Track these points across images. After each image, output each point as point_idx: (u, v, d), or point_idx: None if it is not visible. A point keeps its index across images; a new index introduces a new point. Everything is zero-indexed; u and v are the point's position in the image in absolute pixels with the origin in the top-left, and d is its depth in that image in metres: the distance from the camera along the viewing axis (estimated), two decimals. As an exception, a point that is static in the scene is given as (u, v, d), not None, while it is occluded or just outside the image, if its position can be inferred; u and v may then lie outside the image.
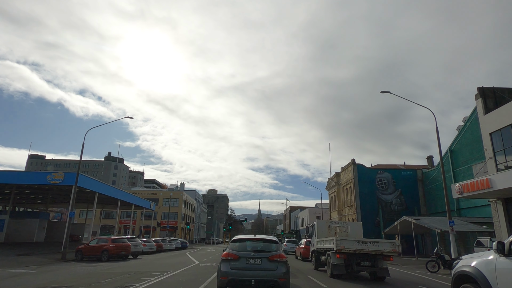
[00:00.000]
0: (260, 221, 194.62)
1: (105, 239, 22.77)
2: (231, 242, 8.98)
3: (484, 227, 26.14)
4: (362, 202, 41.81)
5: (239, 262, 8.24)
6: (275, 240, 9.18)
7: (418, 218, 27.88)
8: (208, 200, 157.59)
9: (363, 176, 42.92)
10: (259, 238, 9.07)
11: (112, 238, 22.72)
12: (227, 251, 8.58)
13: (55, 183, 28.91)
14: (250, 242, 8.88)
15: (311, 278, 13.35)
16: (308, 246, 24.04)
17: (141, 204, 46.96)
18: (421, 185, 42.21)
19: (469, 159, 33.35)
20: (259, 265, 8.18)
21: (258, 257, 8.31)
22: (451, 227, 18.11)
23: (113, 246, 21.84)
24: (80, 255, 22.60)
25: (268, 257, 8.30)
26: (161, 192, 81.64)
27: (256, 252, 8.44)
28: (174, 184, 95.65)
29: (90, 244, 22.79)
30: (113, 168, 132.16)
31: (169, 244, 38.90)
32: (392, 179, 42.66)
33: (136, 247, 25.44)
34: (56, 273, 13.70)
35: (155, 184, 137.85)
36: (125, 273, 13.73)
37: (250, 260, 8.25)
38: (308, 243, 24.13)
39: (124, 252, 22.58)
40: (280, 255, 8.42)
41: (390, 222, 40.32)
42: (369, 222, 40.73)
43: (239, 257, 8.30)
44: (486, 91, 20.39)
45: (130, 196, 43.40)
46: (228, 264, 8.24)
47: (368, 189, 42.22)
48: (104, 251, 21.77)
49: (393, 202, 41.96)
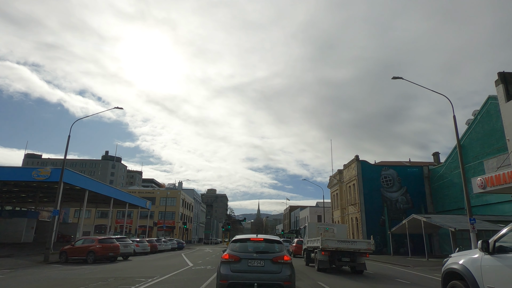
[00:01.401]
0: (259, 220, 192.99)
1: (91, 240, 20.92)
2: (232, 243, 8.51)
3: (500, 225, 24.42)
4: (366, 200, 40.02)
5: (240, 264, 7.77)
6: (278, 240, 8.61)
7: (429, 216, 26.13)
8: (207, 200, 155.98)
9: (367, 173, 41.11)
10: (262, 238, 8.56)
11: (99, 238, 20.85)
12: (227, 252, 8.09)
13: (41, 179, 27.08)
14: (252, 242, 8.43)
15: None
16: (299, 244, 28.36)
17: (136, 202, 45.10)
18: (427, 182, 40.42)
19: (480, 154, 31.55)
20: (262, 267, 7.72)
21: (260, 258, 7.82)
22: (471, 225, 16.33)
23: (99, 247, 19.99)
24: (64, 257, 20.80)
25: (272, 258, 7.82)
26: (158, 191, 79.62)
27: (259, 253, 7.95)
28: (172, 183, 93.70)
29: (76, 245, 20.98)
30: (111, 167, 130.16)
31: (164, 244, 37.03)
32: (397, 176, 40.86)
33: (126, 248, 23.61)
34: (25, 279, 11.88)
35: (153, 184, 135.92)
36: (104, 279, 11.89)
37: (252, 262, 7.78)
38: (299, 242, 28.27)
39: (112, 254, 20.74)
40: (285, 257, 7.93)
41: (395, 221, 38.59)
42: (374, 221, 38.98)
43: (240, 258, 7.83)
44: (508, 77, 18.59)
45: (124, 194, 41.56)
46: (229, 266, 7.75)
47: (373, 187, 40.42)
48: (90, 253, 19.95)
49: (398, 200, 40.16)
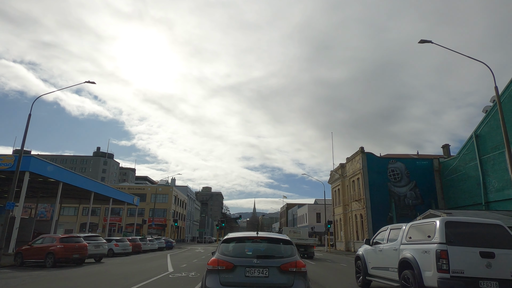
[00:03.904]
0: (255, 219, 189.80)
1: (51, 238, 17.26)
2: (223, 243, 6.09)
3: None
4: (372, 195, 36.73)
5: (234, 273, 5.50)
6: (287, 240, 6.13)
7: (450, 212, 22.83)
8: (202, 198, 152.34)
9: (373, 166, 37.82)
10: (264, 237, 6.11)
11: (61, 236, 17.22)
12: (217, 256, 5.75)
13: (3, 168, 23.42)
14: (251, 242, 6.11)
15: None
16: None
17: (121, 198, 41.40)
18: (438, 176, 37.20)
19: (502, 143, 28.24)
20: (266, 278, 5.46)
21: (263, 265, 5.53)
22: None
23: (60, 248, 16.38)
24: (20, 259, 17.22)
25: (279, 265, 5.54)
26: (149, 187, 75.69)
27: (261, 258, 5.61)
28: (164, 180, 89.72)
29: (34, 245, 17.38)
30: (102, 164, 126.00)
31: (150, 244, 33.37)
32: (405, 170, 37.59)
33: (98, 249, 20.01)
34: None
35: (147, 181, 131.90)
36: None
37: (252, 271, 5.50)
38: None
39: (78, 255, 17.12)
40: (298, 263, 5.61)
41: (404, 218, 35.40)
42: (380, 217, 35.68)
43: (235, 265, 5.55)
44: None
45: (107, 188, 37.88)
46: (218, 277, 5.48)
47: (379, 181, 37.15)
48: (49, 254, 16.35)
49: (407, 196, 36.91)
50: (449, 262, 6.84)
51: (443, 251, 6.94)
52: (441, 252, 6.95)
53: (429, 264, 7.15)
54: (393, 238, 9.27)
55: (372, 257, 10.29)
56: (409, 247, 8.17)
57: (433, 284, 6.98)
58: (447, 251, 6.92)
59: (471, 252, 6.93)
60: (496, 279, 6.78)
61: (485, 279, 6.76)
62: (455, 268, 6.81)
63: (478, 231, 7.46)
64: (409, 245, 8.26)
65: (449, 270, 6.81)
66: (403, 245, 8.55)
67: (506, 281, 6.81)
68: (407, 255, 7.98)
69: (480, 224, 7.64)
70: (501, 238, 7.32)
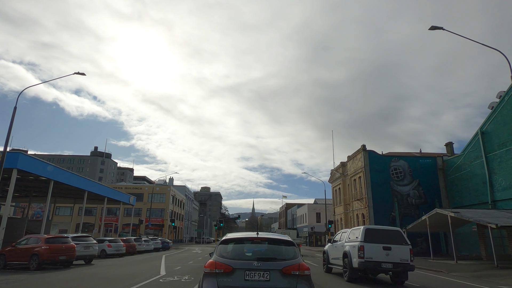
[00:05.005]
0: (254, 219, 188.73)
1: (36, 239, 16.20)
2: (221, 244, 5.72)
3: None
4: (374, 194, 35.71)
5: (233, 277, 5.05)
6: (289, 241, 5.71)
7: (458, 211, 21.84)
8: (200, 198, 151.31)
9: (375, 164, 36.79)
10: (264, 238, 5.69)
11: (47, 237, 16.16)
12: (214, 258, 5.33)
13: (-11, 166, 22.30)
14: (251, 243, 5.69)
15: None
16: None
17: (117, 197, 40.26)
18: (442, 175, 36.19)
19: (509, 140, 27.28)
20: (267, 282, 5.03)
21: (264, 268, 5.09)
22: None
23: (45, 249, 15.31)
24: (2, 261, 16.17)
25: (281, 268, 5.10)
26: (146, 187, 74.51)
27: (261, 261, 5.16)
28: (162, 179, 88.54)
29: (18, 246, 16.33)
30: (100, 163, 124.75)
31: (145, 244, 32.27)
32: (408, 168, 36.59)
33: (88, 250, 18.94)
34: None
35: (145, 181, 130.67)
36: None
37: (252, 274, 5.05)
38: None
39: (64, 257, 16.05)
40: (301, 266, 5.19)
41: (407, 218, 34.46)
42: (383, 217, 34.71)
43: (234, 268, 5.09)
44: None
45: (102, 187, 36.75)
46: (215, 281, 5.04)
47: (381, 180, 36.12)
48: (33, 256, 15.30)
49: (410, 194, 35.91)
50: (364, 253, 11.11)
51: (361, 246, 11.27)
52: (360, 246, 11.28)
53: (355, 254, 11.39)
54: (343, 238, 13.30)
55: (331, 251, 14.47)
56: (348, 244, 12.30)
57: (356, 266, 11.35)
58: (364, 246, 11.21)
59: (377, 246, 11.13)
60: (391, 262, 10.98)
61: (384, 262, 10.99)
62: (367, 256, 11.07)
63: (384, 234, 11.64)
64: (348, 242, 12.36)
65: (364, 257, 11.08)
66: (346, 243, 12.59)
67: (397, 264, 11.00)
68: (346, 249, 12.20)
69: (385, 230, 12.02)
70: (397, 238, 11.45)
